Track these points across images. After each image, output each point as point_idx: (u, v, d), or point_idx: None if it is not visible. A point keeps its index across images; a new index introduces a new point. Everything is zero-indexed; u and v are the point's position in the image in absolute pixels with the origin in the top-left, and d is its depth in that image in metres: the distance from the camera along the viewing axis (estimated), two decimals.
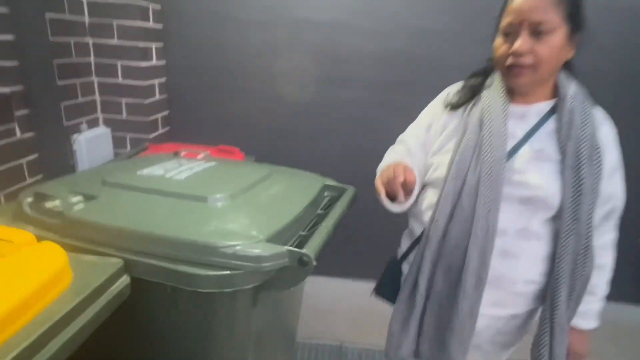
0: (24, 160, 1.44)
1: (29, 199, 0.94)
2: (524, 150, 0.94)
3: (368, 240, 2.07)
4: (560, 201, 0.91)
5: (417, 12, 1.87)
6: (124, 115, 1.86)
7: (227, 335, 0.90)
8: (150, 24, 1.83)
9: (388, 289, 1.14)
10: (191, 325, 0.86)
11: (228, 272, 0.76)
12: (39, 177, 1.51)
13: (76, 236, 0.84)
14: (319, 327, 1.98)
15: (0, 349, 0.51)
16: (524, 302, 1.01)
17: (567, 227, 0.92)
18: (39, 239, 0.73)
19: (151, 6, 1.82)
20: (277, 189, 1.08)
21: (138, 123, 1.89)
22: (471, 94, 1.03)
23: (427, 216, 1.02)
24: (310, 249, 0.82)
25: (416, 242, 1.07)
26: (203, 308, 0.83)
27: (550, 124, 0.95)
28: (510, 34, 0.88)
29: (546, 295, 0.97)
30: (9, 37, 1.34)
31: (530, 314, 1.06)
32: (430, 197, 1.04)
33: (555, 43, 0.87)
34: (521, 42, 0.86)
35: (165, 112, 2.05)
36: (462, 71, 1.10)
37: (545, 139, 0.94)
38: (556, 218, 0.93)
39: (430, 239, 0.99)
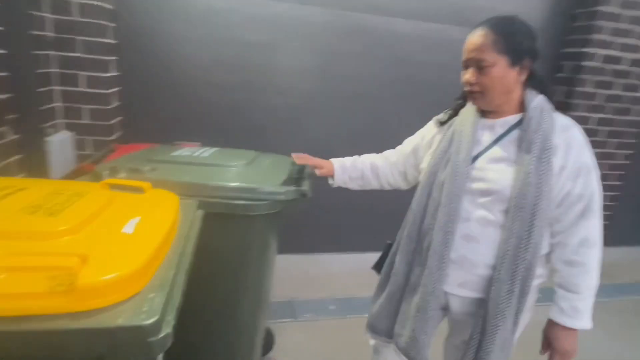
0: (12, 159, 1.62)
1: (106, 172, 1.24)
2: (488, 153, 1.12)
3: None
4: (510, 193, 1.05)
5: (331, 35, 2.46)
6: (87, 119, 2.08)
7: (259, 251, 1.33)
8: (109, 40, 2.09)
9: (380, 267, 1.35)
10: (237, 241, 1.28)
11: (261, 202, 1.23)
12: (24, 174, 1.69)
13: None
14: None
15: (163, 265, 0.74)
16: (487, 286, 1.09)
17: (513, 214, 1.03)
18: None
19: (109, 24, 2.08)
20: (267, 162, 1.52)
21: (100, 126, 2.11)
22: (454, 113, 1.25)
23: None
24: (305, 187, 1.34)
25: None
26: (244, 228, 1.27)
27: (515, 133, 1.10)
28: (465, 68, 1.12)
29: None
30: (2, 51, 1.54)
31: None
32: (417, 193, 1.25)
33: (496, 74, 1.05)
34: (468, 76, 1.09)
35: (120, 118, 2.30)
36: (365, 84, 1.65)
37: (508, 145, 1.10)
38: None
39: (407, 224, 1.20)
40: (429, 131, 1.33)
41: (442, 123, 1.27)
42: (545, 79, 1.15)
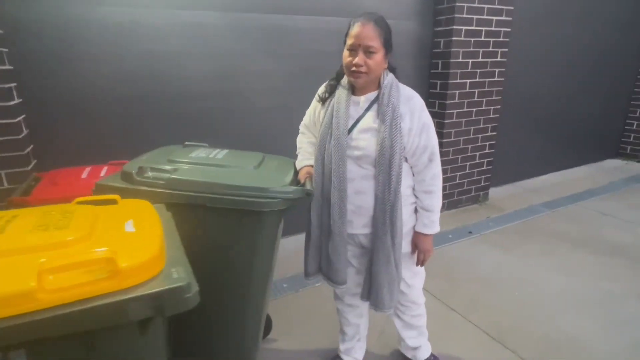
0: None
1: (134, 171, 1.39)
2: (358, 125, 1.42)
3: None
4: (376, 153, 1.38)
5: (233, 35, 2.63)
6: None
7: (268, 241, 1.48)
8: (3, 66, 2.00)
9: None
10: (250, 234, 1.42)
11: (273, 199, 1.36)
12: None
13: (178, 188, 1.35)
14: None
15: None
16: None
17: (377, 170, 1.39)
18: (151, 192, 1.31)
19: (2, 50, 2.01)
20: (275, 164, 1.64)
21: (14, 158, 2.03)
22: (330, 91, 1.51)
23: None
24: (308, 186, 1.48)
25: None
26: (257, 223, 1.40)
27: (375, 107, 1.42)
28: (352, 51, 1.35)
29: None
30: None
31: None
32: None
33: (378, 59, 1.34)
34: (359, 59, 1.33)
35: (32, 146, 2.22)
36: (274, 79, 1.87)
37: (370, 117, 1.41)
38: None
39: (315, 189, 1.47)
40: (315, 107, 1.59)
41: (323, 101, 1.52)
42: (394, 64, 1.47)
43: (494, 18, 3.40)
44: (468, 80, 3.44)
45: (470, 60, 3.41)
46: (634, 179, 4.67)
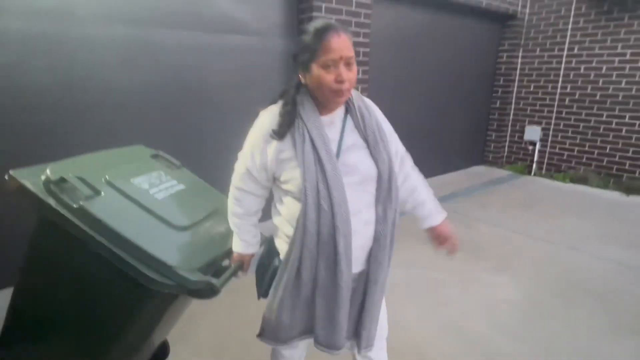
0: None
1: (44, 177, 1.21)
2: (343, 147, 1.19)
3: None
4: (377, 172, 1.21)
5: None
6: None
7: (148, 319, 1.35)
8: None
9: (268, 288, 1.32)
10: (127, 302, 1.28)
11: (165, 281, 1.17)
12: None
13: (82, 220, 1.17)
14: None
15: None
16: (373, 246, 1.26)
17: (379, 186, 1.22)
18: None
19: None
20: (218, 226, 1.45)
21: None
22: (290, 120, 1.17)
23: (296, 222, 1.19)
24: (220, 282, 1.25)
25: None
26: (141, 294, 1.23)
27: (349, 122, 1.23)
28: (330, 67, 1.09)
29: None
30: None
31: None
32: (291, 204, 1.22)
33: (355, 70, 1.14)
34: (345, 74, 1.10)
35: None
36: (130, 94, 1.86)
37: (351, 134, 1.22)
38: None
39: (305, 241, 1.16)
40: (263, 151, 1.21)
41: (280, 135, 1.18)
42: None
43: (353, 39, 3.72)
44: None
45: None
46: (490, 182, 5.33)
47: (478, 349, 2.09)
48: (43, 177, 1.22)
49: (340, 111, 1.24)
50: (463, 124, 5.73)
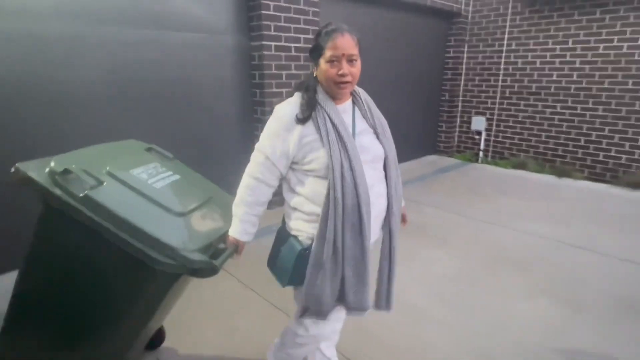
0: None
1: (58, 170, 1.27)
2: (356, 131, 1.40)
3: None
4: (384, 153, 1.44)
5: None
6: None
7: (154, 297, 1.45)
8: None
9: (301, 273, 1.38)
10: (134, 282, 1.37)
11: (170, 261, 1.26)
12: None
13: (89, 207, 1.25)
14: None
15: None
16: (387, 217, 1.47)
17: (388, 164, 1.44)
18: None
19: None
20: (213, 211, 1.54)
21: None
22: (313, 106, 1.35)
23: (323, 198, 1.33)
24: (219, 262, 1.34)
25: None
26: (146, 275, 1.33)
27: (357, 111, 1.45)
28: (334, 62, 1.31)
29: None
30: None
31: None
32: (313, 183, 1.37)
33: (359, 66, 1.36)
34: (345, 68, 1.31)
35: None
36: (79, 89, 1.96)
37: (360, 121, 1.44)
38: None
39: (335, 213, 1.30)
40: (285, 139, 1.35)
41: (305, 120, 1.34)
42: None
43: (302, 36, 3.91)
44: (284, 90, 3.89)
45: (284, 72, 3.86)
46: (440, 170, 5.68)
47: (412, 316, 2.34)
48: (48, 169, 1.30)
49: (348, 101, 1.45)
50: (416, 116, 6.05)
